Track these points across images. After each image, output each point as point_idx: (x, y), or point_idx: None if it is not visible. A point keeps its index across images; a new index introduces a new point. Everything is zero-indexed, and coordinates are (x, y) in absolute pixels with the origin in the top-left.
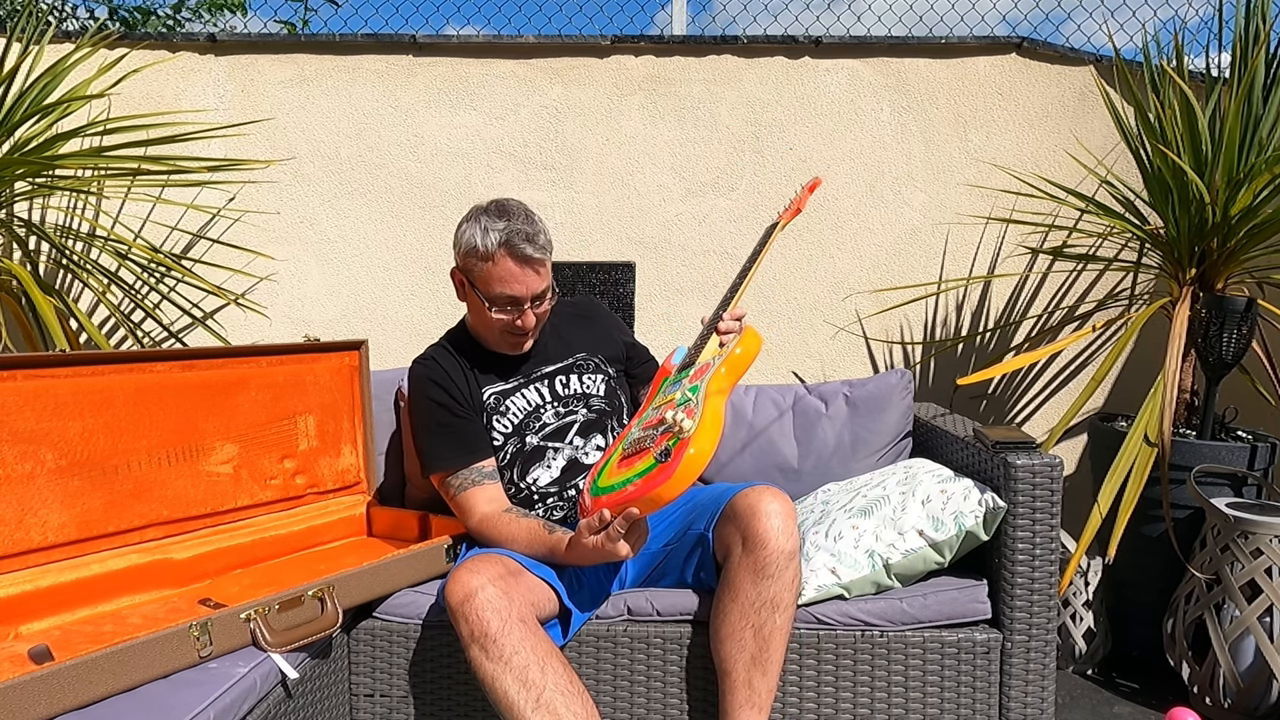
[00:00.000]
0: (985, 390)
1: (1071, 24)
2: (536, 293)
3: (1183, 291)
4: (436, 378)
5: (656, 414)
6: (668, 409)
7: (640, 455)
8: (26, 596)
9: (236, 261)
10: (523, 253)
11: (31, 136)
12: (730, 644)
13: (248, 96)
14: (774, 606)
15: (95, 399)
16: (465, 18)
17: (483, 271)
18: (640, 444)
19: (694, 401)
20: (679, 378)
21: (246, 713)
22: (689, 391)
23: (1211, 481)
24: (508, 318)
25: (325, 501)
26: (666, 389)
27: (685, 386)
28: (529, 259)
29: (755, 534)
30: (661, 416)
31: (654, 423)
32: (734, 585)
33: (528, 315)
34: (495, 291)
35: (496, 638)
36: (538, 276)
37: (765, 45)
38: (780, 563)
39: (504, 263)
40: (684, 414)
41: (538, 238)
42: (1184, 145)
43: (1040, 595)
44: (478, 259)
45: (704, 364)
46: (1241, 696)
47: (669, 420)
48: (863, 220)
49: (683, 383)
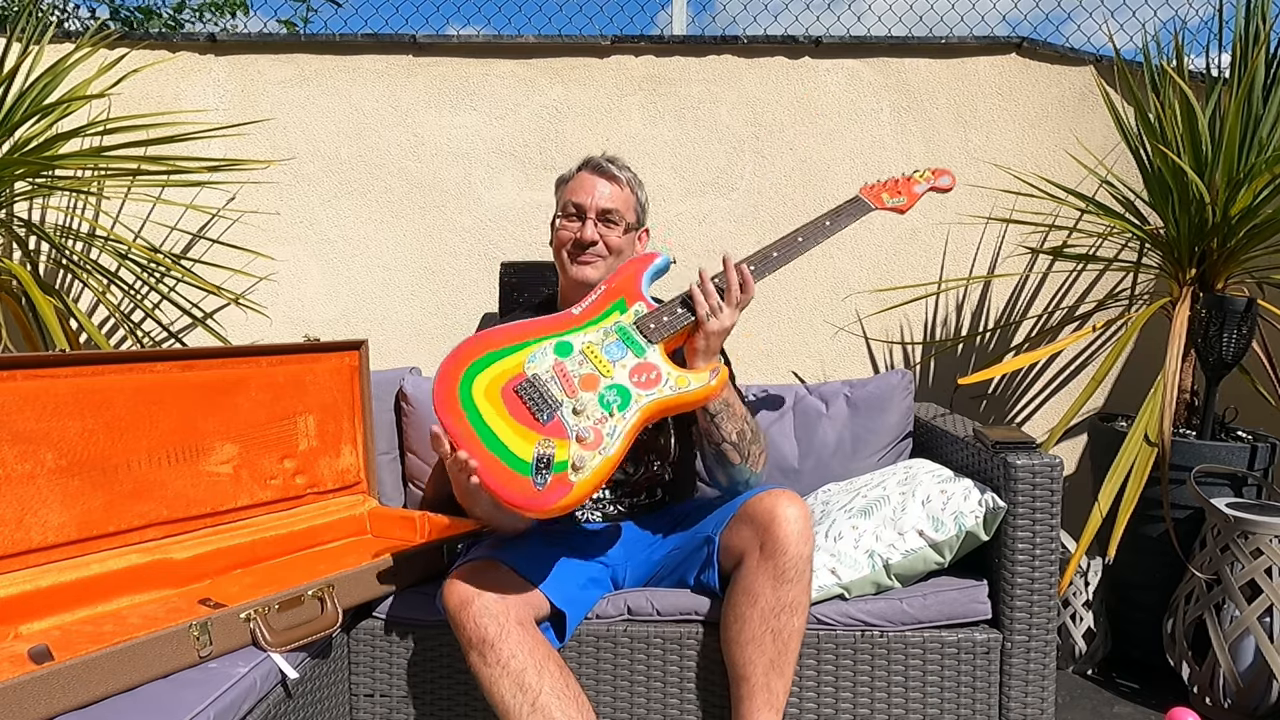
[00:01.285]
0: (985, 390)
1: (1071, 24)
2: (604, 206)
3: (1183, 291)
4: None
5: (576, 371)
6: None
7: (527, 418)
8: (26, 596)
9: (236, 261)
10: (598, 165)
11: (31, 136)
12: (750, 649)
13: (248, 96)
14: (793, 610)
15: (95, 399)
16: (465, 18)
17: (562, 193)
18: (542, 399)
19: (611, 425)
20: (627, 337)
21: (246, 713)
22: (616, 394)
23: (1211, 481)
24: (572, 226)
25: (325, 501)
26: (608, 334)
27: (617, 373)
28: (603, 170)
29: (775, 538)
30: (576, 395)
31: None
32: (753, 590)
33: (589, 227)
34: (564, 199)
35: (494, 643)
36: (610, 190)
37: (765, 45)
38: (800, 566)
39: (580, 175)
40: (593, 433)
41: (622, 166)
42: (1184, 145)
43: (1040, 595)
44: (562, 185)
45: (651, 365)
46: (1241, 696)
47: (575, 425)
48: (863, 220)
49: (622, 360)
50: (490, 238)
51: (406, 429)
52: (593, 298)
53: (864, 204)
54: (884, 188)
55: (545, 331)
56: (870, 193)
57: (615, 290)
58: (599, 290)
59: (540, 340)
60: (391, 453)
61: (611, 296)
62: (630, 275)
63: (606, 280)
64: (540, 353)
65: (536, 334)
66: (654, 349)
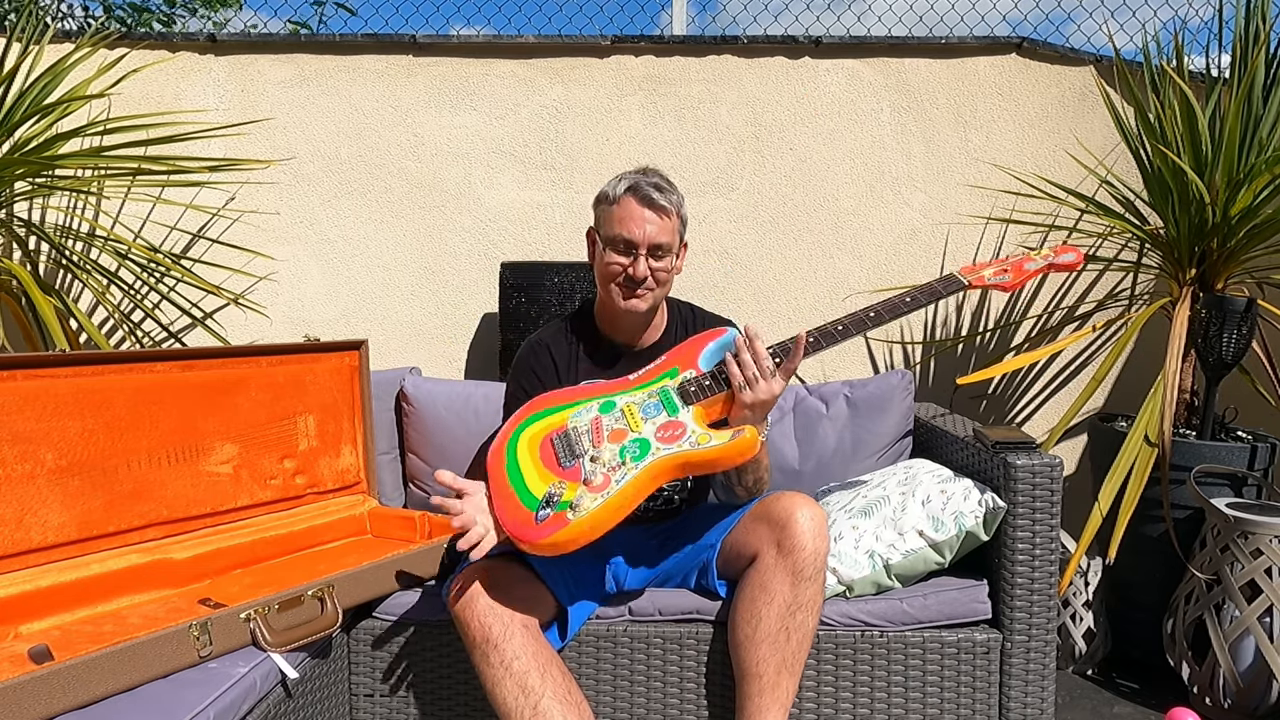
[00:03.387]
0: (985, 390)
1: (1071, 24)
2: (655, 242)
3: (1183, 291)
4: (537, 369)
5: (610, 426)
6: (613, 446)
7: (552, 463)
8: (26, 596)
9: (236, 261)
10: (647, 195)
11: (31, 136)
12: (765, 647)
13: (248, 96)
14: (809, 609)
15: (95, 399)
16: (465, 18)
17: (606, 215)
18: (568, 448)
19: (622, 473)
20: (667, 398)
21: (246, 712)
22: (637, 446)
23: (1211, 481)
24: (622, 261)
25: (325, 501)
26: (651, 396)
27: (645, 429)
28: (653, 202)
29: (792, 536)
30: (601, 446)
31: (596, 436)
32: (770, 587)
33: (640, 263)
34: (614, 232)
35: (498, 643)
36: (659, 224)
37: (765, 45)
38: (817, 565)
39: (627, 203)
40: (602, 477)
41: (670, 193)
42: (1184, 145)
43: (1040, 595)
44: (605, 204)
45: (680, 422)
46: (1241, 696)
47: (586, 470)
48: (863, 220)
49: (656, 414)
50: (490, 238)
51: (406, 429)
52: (651, 365)
53: (958, 281)
54: (987, 265)
55: (600, 392)
56: (970, 271)
57: (672, 359)
58: (660, 359)
59: (592, 399)
60: (391, 453)
61: (667, 365)
62: (690, 348)
63: (670, 351)
64: (587, 409)
65: (593, 394)
66: (688, 410)
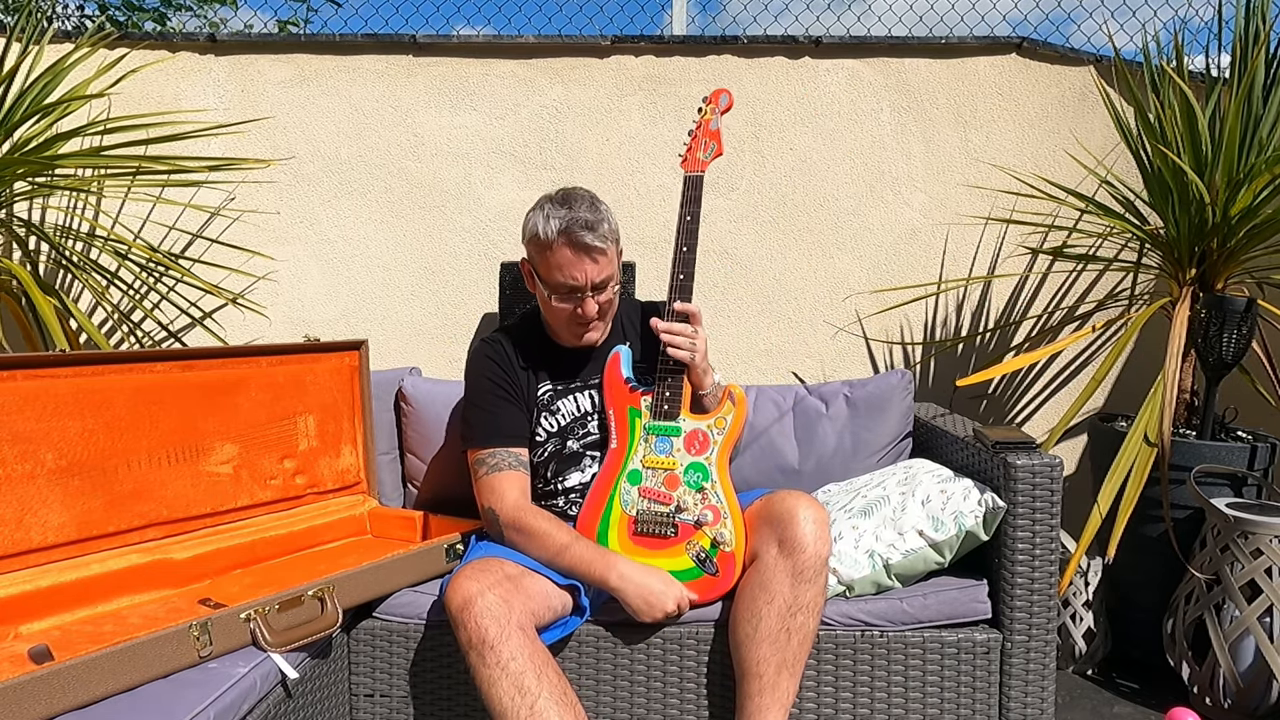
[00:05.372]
0: (985, 390)
1: (1071, 24)
2: (596, 281)
3: (1183, 291)
4: (496, 358)
5: (657, 483)
6: (679, 489)
7: (661, 542)
8: (26, 596)
9: (236, 261)
10: (581, 240)
11: (31, 136)
12: (765, 647)
13: (247, 96)
14: (809, 611)
15: (95, 399)
16: (465, 18)
17: (544, 259)
18: (656, 522)
19: (712, 494)
20: (660, 430)
21: (246, 713)
22: (694, 472)
23: (1211, 481)
24: (569, 306)
25: (325, 501)
26: (648, 439)
27: (679, 456)
28: (588, 247)
29: (794, 536)
30: (672, 498)
31: (661, 497)
32: (770, 587)
33: (588, 303)
34: (555, 279)
35: (494, 644)
36: (596, 265)
37: (765, 45)
38: (817, 566)
39: (562, 250)
40: (709, 511)
41: (599, 226)
42: (1184, 145)
43: (1040, 595)
44: (539, 247)
45: (692, 430)
46: (1241, 697)
47: (693, 519)
48: (863, 220)
49: (674, 446)
50: (490, 238)
51: (406, 429)
52: (613, 427)
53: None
54: (693, 149)
55: (613, 479)
56: (692, 166)
57: (618, 406)
58: (611, 416)
59: (614, 490)
60: (391, 453)
61: (622, 414)
62: (617, 386)
63: (607, 403)
64: (623, 495)
65: (609, 489)
66: (682, 419)
